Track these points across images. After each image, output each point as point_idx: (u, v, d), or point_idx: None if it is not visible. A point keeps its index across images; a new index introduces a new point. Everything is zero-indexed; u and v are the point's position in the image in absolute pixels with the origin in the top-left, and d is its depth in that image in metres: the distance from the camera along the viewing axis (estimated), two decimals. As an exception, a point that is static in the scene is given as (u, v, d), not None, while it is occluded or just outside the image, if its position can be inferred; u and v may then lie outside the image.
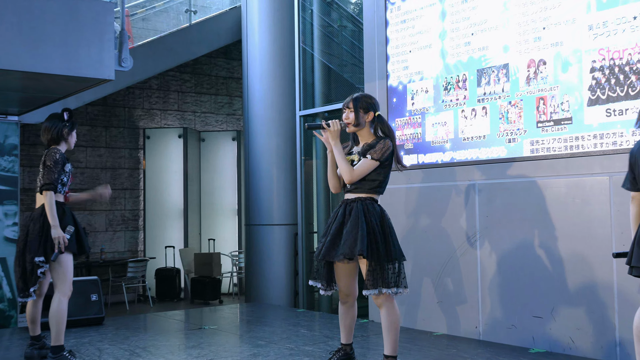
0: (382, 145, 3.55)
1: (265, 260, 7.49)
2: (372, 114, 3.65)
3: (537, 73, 4.39)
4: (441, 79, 5.05)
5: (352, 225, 3.46)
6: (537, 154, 4.38)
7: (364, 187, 3.57)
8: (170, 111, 10.17)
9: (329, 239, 3.51)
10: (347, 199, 3.61)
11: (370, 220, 3.48)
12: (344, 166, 3.54)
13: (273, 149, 7.56)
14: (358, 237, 3.41)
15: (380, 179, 3.59)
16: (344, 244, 3.43)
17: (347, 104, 3.66)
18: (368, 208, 3.52)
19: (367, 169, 3.53)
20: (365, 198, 3.56)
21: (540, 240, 4.36)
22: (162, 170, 9.65)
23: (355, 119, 3.61)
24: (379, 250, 3.44)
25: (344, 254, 3.41)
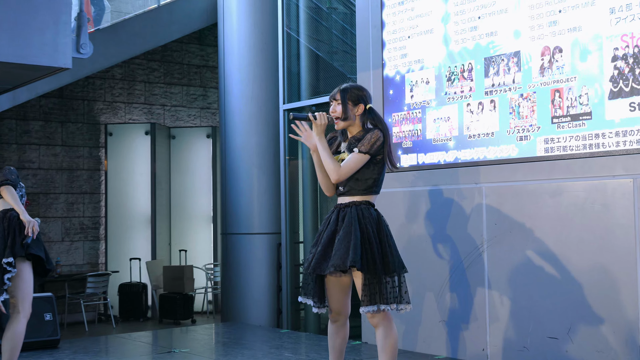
0: (369, 135, 3.53)
1: (244, 274, 7.47)
2: (362, 106, 3.64)
3: (552, 62, 4.41)
4: (444, 69, 5.06)
5: (344, 233, 3.45)
6: (552, 153, 4.40)
7: (358, 188, 3.56)
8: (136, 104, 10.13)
9: (320, 249, 3.49)
10: (340, 203, 3.61)
11: (365, 227, 3.48)
12: (330, 163, 3.53)
13: (253, 148, 7.54)
14: (350, 247, 3.40)
15: (374, 176, 3.57)
16: (335, 254, 3.42)
17: (334, 95, 3.65)
18: (363, 213, 3.51)
19: (356, 164, 3.51)
20: (360, 202, 3.55)
21: (556, 251, 4.38)
22: (126, 172, 9.60)
23: (343, 112, 3.59)
24: (375, 261, 3.43)
25: (334, 265, 3.39)
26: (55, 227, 9.39)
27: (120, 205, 9.53)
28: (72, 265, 9.42)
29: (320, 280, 3.59)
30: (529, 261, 4.52)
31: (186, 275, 8.86)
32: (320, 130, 3.56)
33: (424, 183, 5.18)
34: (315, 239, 3.60)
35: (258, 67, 7.59)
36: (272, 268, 7.48)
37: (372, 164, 3.55)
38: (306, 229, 7.29)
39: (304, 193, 7.35)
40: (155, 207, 9.50)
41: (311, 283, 3.59)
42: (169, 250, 9.88)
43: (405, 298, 3.51)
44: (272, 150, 7.54)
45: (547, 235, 4.42)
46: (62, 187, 9.50)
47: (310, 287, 3.61)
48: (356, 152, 3.52)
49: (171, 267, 9.07)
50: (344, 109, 3.59)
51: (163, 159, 9.82)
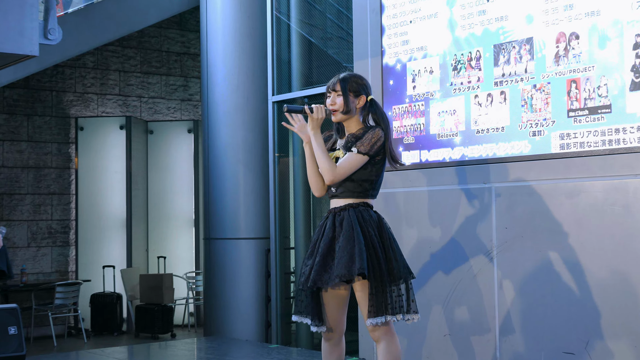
0: (370, 135, 3.54)
1: (229, 283, 7.47)
2: (363, 98, 3.65)
3: (568, 50, 4.42)
4: (449, 57, 5.06)
5: (345, 239, 3.45)
6: (568, 150, 4.41)
7: (354, 191, 3.57)
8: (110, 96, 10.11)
9: (319, 260, 3.47)
10: (335, 207, 3.60)
11: (367, 230, 3.48)
12: (325, 162, 3.52)
13: (239, 144, 7.54)
14: (355, 253, 3.39)
15: (372, 178, 3.58)
16: (339, 263, 3.41)
17: (333, 85, 3.64)
18: (363, 216, 3.52)
19: (354, 165, 3.52)
20: (358, 204, 3.56)
21: (572, 257, 4.39)
22: (99, 170, 9.58)
23: (344, 105, 3.59)
24: (381, 268, 3.44)
25: (340, 275, 3.39)
26: (21, 231, 9.37)
27: (92, 207, 9.52)
28: (39, 273, 9.40)
29: (316, 295, 3.58)
30: (542, 268, 4.53)
31: (165, 284, 8.85)
32: (317, 124, 3.57)
33: (427, 183, 5.18)
34: (309, 250, 3.59)
35: (244, 55, 7.58)
36: (260, 276, 7.47)
37: (370, 165, 3.56)
38: (298, 234, 7.28)
39: (295, 194, 7.35)
40: (131, 210, 9.49)
41: (306, 299, 3.58)
42: (146, 257, 9.87)
43: (412, 307, 3.52)
44: (260, 147, 7.54)
45: (562, 240, 4.43)
46: (28, 187, 9.48)
47: (305, 304, 3.59)
48: (354, 152, 3.53)
49: (149, 276, 9.05)
50: (345, 101, 3.59)
51: (140, 156, 9.80)
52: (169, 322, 8.81)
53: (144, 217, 9.83)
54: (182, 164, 9.93)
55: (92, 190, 9.55)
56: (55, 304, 8.51)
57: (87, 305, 9.24)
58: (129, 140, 9.55)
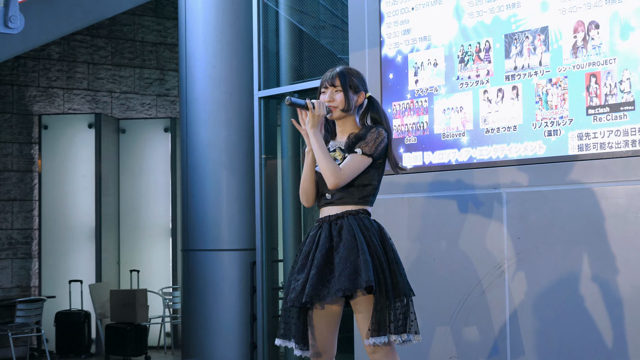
0: (374, 135, 3.57)
1: (210, 299, 7.45)
2: (362, 95, 3.68)
3: (587, 40, 4.42)
4: (456, 48, 5.06)
5: (347, 249, 3.45)
6: (587, 151, 4.40)
7: (353, 196, 3.58)
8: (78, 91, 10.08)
9: (315, 273, 3.46)
10: (329, 215, 3.60)
11: (371, 240, 3.49)
12: (329, 164, 3.52)
13: (222, 144, 7.53)
14: (360, 264, 3.40)
15: (374, 183, 3.61)
16: (340, 275, 3.41)
17: (332, 80, 3.66)
18: (365, 224, 3.54)
19: (358, 167, 3.54)
20: (357, 211, 3.57)
21: (593, 271, 4.38)
22: (65, 174, 9.56)
23: (345, 102, 3.62)
24: (386, 282, 3.45)
25: (342, 288, 3.39)
26: (-23, 241, 9.34)
27: (57, 215, 9.49)
28: (-3, 289, 9.37)
29: (303, 315, 3.57)
30: (559, 284, 4.52)
31: (139, 301, 8.82)
32: (317, 121, 3.57)
33: (430, 188, 5.18)
34: (299, 263, 3.57)
35: (228, 45, 7.58)
36: (245, 292, 7.46)
37: (373, 168, 3.59)
38: (287, 245, 7.27)
39: (284, 200, 7.34)
40: (100, 218, 9.46)
41: (292, 319, 3.56)
42: (117, 271, 9.84)
43: (413, 327, 3.52)
44: (245, 148, 7.53)
45: (581, 251, 4.42)
46: (-14, 193, 9.44)
47: (289, 325, 3.58)
48: (359, 153, 3.55)
49: (120, 292, 9.02)
50: (346, 98, 3.62)
51: (110, 158, 9.78)
52: (142, 344, 8.78)
53: (115, 226, 9.80)
54: (158, 167, 9.91)
55: (57, 196, 9.52)
56: (16, 323, 8.47)
57: (52, 324, 9.21)
58: (99, 140, 9.52)
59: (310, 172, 3.68)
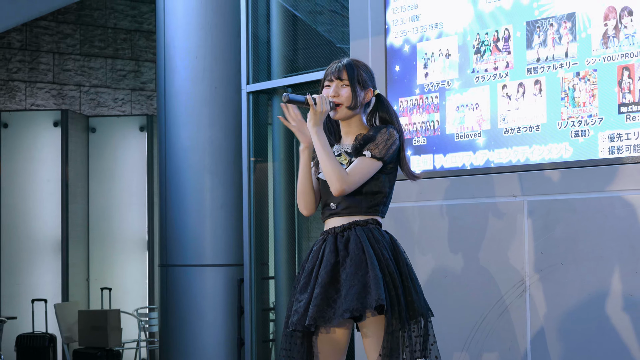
0: (385, 136, 3.57)
1: (191, 321, 7.45)
2: (371, 92, 3.69)
3: (619, 29, 4.43)
4: (471, 37, 5.07)
5: (355, 264, 3.45)
6: (619, 154, 4.41)
7: (361, 206, 3.58)
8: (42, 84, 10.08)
9: (319, 292, 3.45)
10: (334, 227, 3.60)
11: (382, 253, 3.49)
12: (334, 168, 3.51)
13: (205, 145, 7.53)
14: (370, 280, 3.39)
15: (384, 190, 3.62)
16: (347, 294, 3.40)
17: (338, 72, 3.66)
18: (374, 236, 3.54)
19: (368, 172, 3.55)
20: (367, 221, 3.57)
21: (625, 290, 4.39)
22: (27, 178, 9.55)
23: (353, 99, 3.62)
24: (399, 302, 3.45)
25: (349, 309, 3.37)
26: None
27: (18, 225, 9.48)
28: (-50, 309, 9.35)
29: (308, 340, 3.57)
30: (587, 304, 4.53)
31: (111, 323, 8.82)
32: (320, 119, 3.57)
33: (442, 195, 5.18)
34: (301, 282, 3.58)
35: (212, 33, 7.58)
36: (231, 313, 7.46)
37: (383, 174, 3.59)
38: (278, 260, 7.27)
39: (275, 209, 7.34)
40: (67, 228, 9.46)
41: (295, 346, 3.56)
42: (86, 289, 9.82)
43: (433, 351, 3.56)
44: (231, 149, 7.53)
45: (612, 268, 4.43)
46: (-63, 200, 9.43)
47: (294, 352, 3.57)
48: (367, 156, 3.55)
49: (90, 313, 9.01)
50: (354, 94, 3.62)
51: (79, 161, 9.78)
52: (115, 371, 8.78)
53: (83, 237, 9.79)
54: (133, 171, 9.91)
55: (18, 203, 9.51)
56: (-29, 349, 8.46)
57: (12, 349, 9.19)
58: (65, 140, 9.52)
59: (306, 174, 3.68)
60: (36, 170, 9.58)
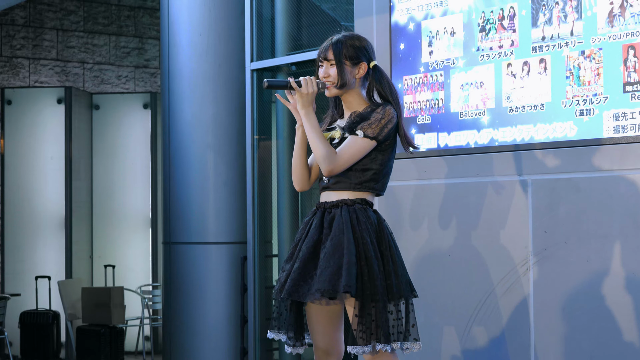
0: (379, 115, 3.57)
1: (194, 299, 7.47)
2: (364, 66, 3.66)
3: (625, 7, 4.41)
4: (476, 15, 5.05)
5: (333, 245, 3.48)
6: (624, 133, 4.40)
7: (350, 181, 3.59)
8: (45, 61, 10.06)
9: (298, 267, 3.53)
10: (325, 202, 3.63)
11: (362, 236, 3.50)
12: (321, 147, 3.54)
13: (209, 123, 7.52)
14: (343, 265, 3.42)
15: (375, 167, 3.60)
16: (322, 274, 3.45)
17: (324, 54, 3.66)
18: (358, 217, 3.54)
19: (358, 152, 3.55)
20: (354, 200, 3.58)
21: (629, 269, 4.39)
22: (30, 156, 9.55)
23: (339, 77, 3.61)
24: (374, 284, 3.46)
25: (320, 289, 3.42)
26: None
27: (21, 203, 9.49)
28: (-46, 285, 9.38)
29: (297, 307, 3.64)
30: (591, 284, 4.53)
31: (114, 300, 8.84)
32: (308, 100, 3.58)
33: (445, 174, 5.17)
34: (289, 252, 3.67)
35: (216, 10, 7.56)
36: (235, 291, 7.47)
37: (377, 152, 3.59)
38: (282, 238, 7.28)
39: (279, 187, 7.34)
40: (71, 206, 9.47)
41: (285, 312, 3.64)
42: (90, 266, 9.84)
43: (412, 333, 3.55)
44: (235, 127, 7.52)
45: (616, 247, 4.43)
46: (-59, 177, 9.44)
47: (283, 317, 3.65)
48: (360, 136, 3.54)
49: (93, 290, 9.03)
50: (340, 72, 3.61)
51: (82, 138, 9.77)
52: (118, 348, 8.80)
53: (87, 215, 9.81)
54: (136, 148, 9.91)
55: (21, 180, 9.52)
56: (-25, 325, 8.49)
57: (16, 325, 9.23)
58: (69, 117, 9.51)
59: (301, 151, 3.70)
60: (40, 147, 9.58)
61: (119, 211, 9.89)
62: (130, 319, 9.44)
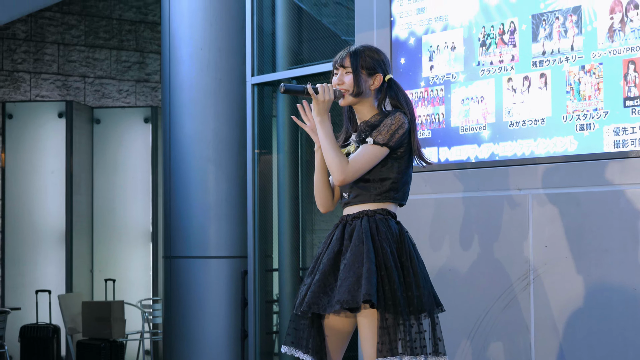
0: (389, 120, 3.55)
1: (195, 313, 7.46)
2: (379, 77, 3.66)
3: (625, 22, 4.41)
4: (476, 30, 5.06)
5: (353, 256, 3.46)
6: (624, 148, 4.40)
7: (370, 193, 3.59)
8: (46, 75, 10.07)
9: (318, 279, 3.50)
10: (347, 215, 3.62)
11: (382, 246, 3.49)
12: (334, 155, 3.53)
13: (209, 137, 7.53)
14: (363, 274, 3.40)
15: (393, 175, 3.60)
16: (341, 285, 3.42)
17: (341, 61, 3.66)
18: (378, 227, 3.53)
19: (370, 159, 3.54)
20: (375, 211, 3.57)
21: (630, 284, 4.38)
22: (31, 169, 9.56)
23: (355, 85, 3.61)
24: (395, 295, 3.43)
25: (341, 301, 3.39)
26: None
27: (22, 216, 9.49)
28: (-46, 299, 9.37)
29: (317, 323, 3.60)
30: (592, 299, 4.52)
31: (114, 314, 8.83)
32: (324, 108, 3.58)
33: (446, 188, 5.18)
34: (311, 266, 3.62)
35: (217, 25, 7.57)
36: (235, 305, 7.46)
37: (391, 160, 3.58)
38: (282, 252, 7.27)
39: (279, 201, 7.34)
40: (71, 220, 9.46)
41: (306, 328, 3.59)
42: (90, 280, 9.83)
43: (440, 348, 3.55)
44: (235, 141, 7.53)
45: (617, 261, 4.42)
46: (-59, 191, 9.43)
47: (304, 333, 3.59)
48: (370, 144, 3.53)
49: (94, 304, 9.02)
50: (356, 80, 3.61)
51: (83, 152, 9.78)
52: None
53: (87, 229, 9.80)
54: (137, 162, 9.91)
55: (22, 194, 9.52)
56: (-25, 339, 8.47)
57: (16, 339, 9.21)
58: (70, 131, 9.52)
59: (322, 172, 3.69)
60: (40, 161, 9.58)
61: (119, 225, 9.88)
62: (130, 333, 9.42)
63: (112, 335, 8.76)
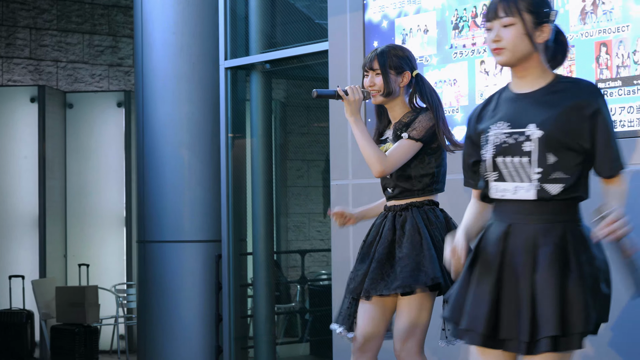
0: (422, 117, 3.77)
1: (169, 297, 7.45)
2: (408, 74, 3.85)
3: (597, 5, 4.42)
4: (449, 12, 5.05)
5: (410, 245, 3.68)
6: (596, 130, 4.41)
7: (414, 189, 3.79)
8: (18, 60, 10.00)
9: (376, 267, 3.71)
10: (394, 205, 3.82)
11: (435, 235, 3.71)
12: (371, 150, 3.72)
13: (183, 121, 7.50)
14: (425, 260, 3.63)
15: (431, 170, 3.81)
16: (402, 271, 3.64)
17: (370, 63, 3.85)
18: (429, 217, 3.77)
19: (406, 152, 3.74)
20: (422, 202, 3.79)
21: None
22: (4, 155, 9.50)
23: (385, 86, 3.80)
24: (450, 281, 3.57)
25: (402, 285, 3.62)
26: None
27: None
28: None
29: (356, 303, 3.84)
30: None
31: (89, 299, 8.80)
32: (355, 108, 3.77)
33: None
34: (360, 253, 3.83)
35: (190, 8, 7.54)
36: (210, 289, 7.46)
37: (427, 155, 3.80)
38: (256, 236, 7.28)
39: (253, 185, 7.34)
40: (44, 205, 9.41)
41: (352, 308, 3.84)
42: (64, 265, 9.79)
43: None
44: (209, 125, 7.51)
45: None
46: None
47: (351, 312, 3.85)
48: (405, 138, 3.74)
49: (67, 289, 8.99)
50: (385, 81, 3.81)
51: (56, 137, 9.72)
52: (93, 347, 8.76)
53: (61, 214, 9.76)
54: (110, 147, 9.86)
55: (-6, 180, 9.46)
56: (-52, 325, 8.43)
57: (-11, 325, 9.17)
58: (43, 116, 9.46)
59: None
60: (13, 146, 9.52)
61: (93, 210, 9.84)
62: (104, 317, 9.40)
63: (87, 320, 8.74)
